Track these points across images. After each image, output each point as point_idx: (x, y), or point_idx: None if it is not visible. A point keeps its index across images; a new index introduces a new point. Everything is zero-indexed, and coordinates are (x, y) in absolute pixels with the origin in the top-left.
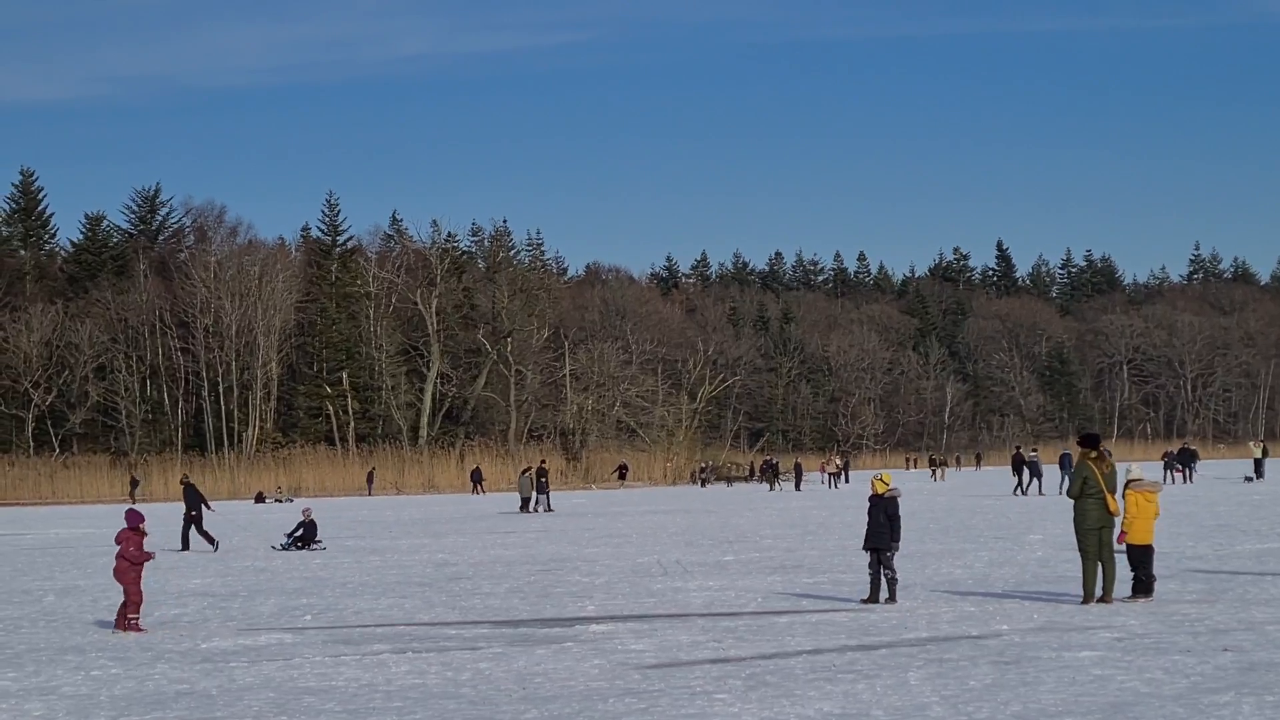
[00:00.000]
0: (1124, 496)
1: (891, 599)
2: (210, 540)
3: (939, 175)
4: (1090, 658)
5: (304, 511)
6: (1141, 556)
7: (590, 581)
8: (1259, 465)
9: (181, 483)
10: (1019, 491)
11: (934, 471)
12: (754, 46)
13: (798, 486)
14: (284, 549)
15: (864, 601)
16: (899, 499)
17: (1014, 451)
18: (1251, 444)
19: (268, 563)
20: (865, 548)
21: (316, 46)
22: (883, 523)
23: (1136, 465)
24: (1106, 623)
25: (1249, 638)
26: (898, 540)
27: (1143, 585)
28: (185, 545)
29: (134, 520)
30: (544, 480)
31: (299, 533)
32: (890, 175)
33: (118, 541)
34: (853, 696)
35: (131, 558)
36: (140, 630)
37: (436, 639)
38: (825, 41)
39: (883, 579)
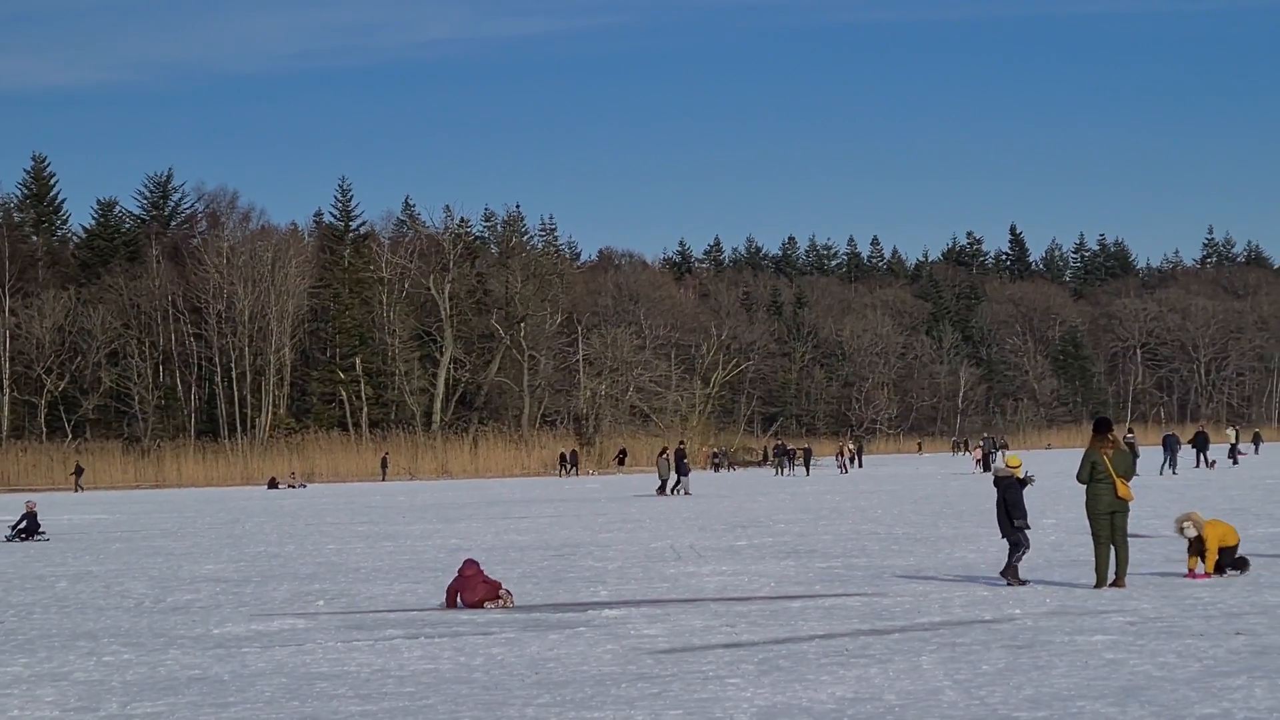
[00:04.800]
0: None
1: (1015, 579)
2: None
3: (952, 159)
4: (1103, 641)
5: (27, 504)
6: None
7: (603, 566)
8: (1233, 450)
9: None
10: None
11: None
12: (769, 31)
13: (807, 471)
14: (8, 540)
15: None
16: (1016, 480)
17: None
18: (1228, 429)
19: (280, 548)
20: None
21: (341, 32)
22: (1000, 504)
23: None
24: (1119, 607)
25: (1262, 621)
26: (1017, 520)
27: (1241, 561)
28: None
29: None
30: (685, 462)
31: (22, 525)
32: (903, 159)
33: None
34: (865, 680)
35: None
36: None
37: (449, 624)
38: (839, 26)
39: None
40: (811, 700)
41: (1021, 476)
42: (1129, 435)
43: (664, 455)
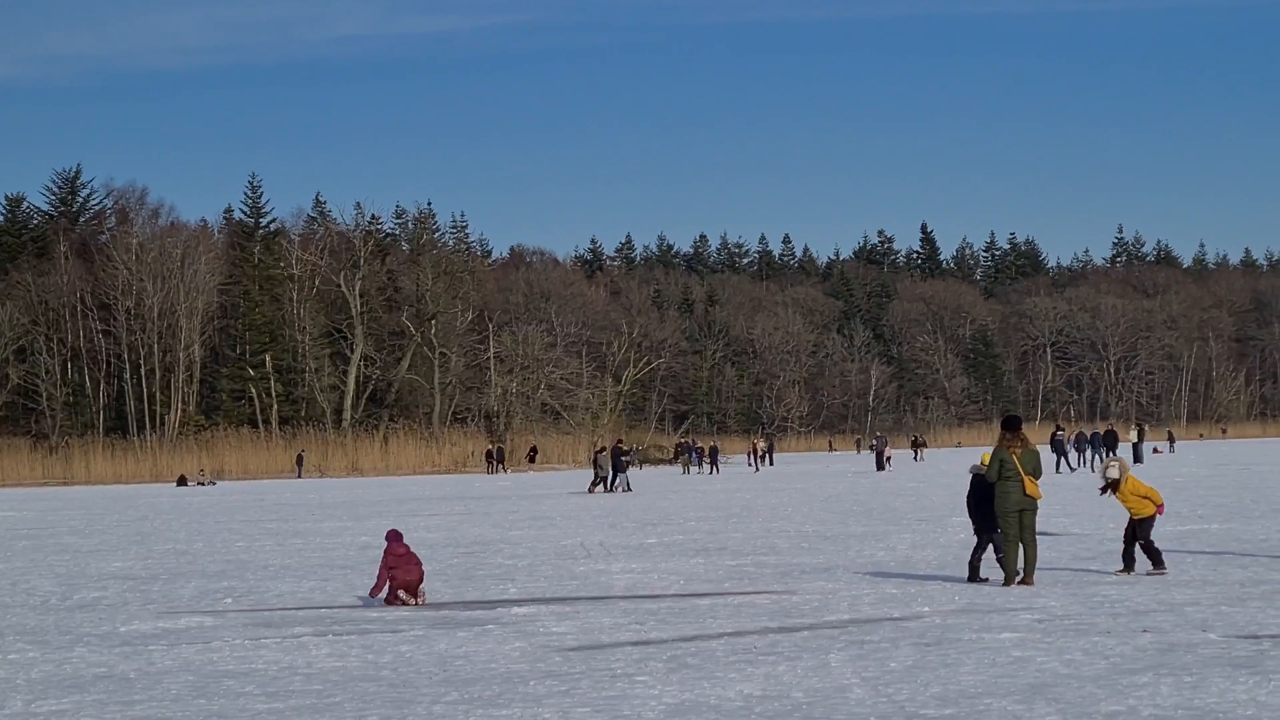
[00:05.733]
0: (1113, 492)
1: (976, 577)
2: None
3: (863, 157)
4: (1011, 639)
5: None
6: (1143, 532)
7: (513, 564)
8: (1136, 449)
9: None
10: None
11: (916, 451)
12: (680, 29)
13: (714, 469)
14: None
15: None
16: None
17: (1052, 433)
18: (1131, 428)
19: (189, 546)
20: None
21: (254, 28)
22: (977, 500)
23: (1115, 462)
24: (1027, 604)
25: (1168, 619)
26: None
27: (1156, 557)
28: None
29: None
30: (623, 459)
31: None
32: (814, 157)
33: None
34: (773, 678)
35: None
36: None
37: (358, 622)
38: (748, 24)
39: (978, 559)
40: (719, 698)
41: None
42: (1059, 433)
43: (604, 452)
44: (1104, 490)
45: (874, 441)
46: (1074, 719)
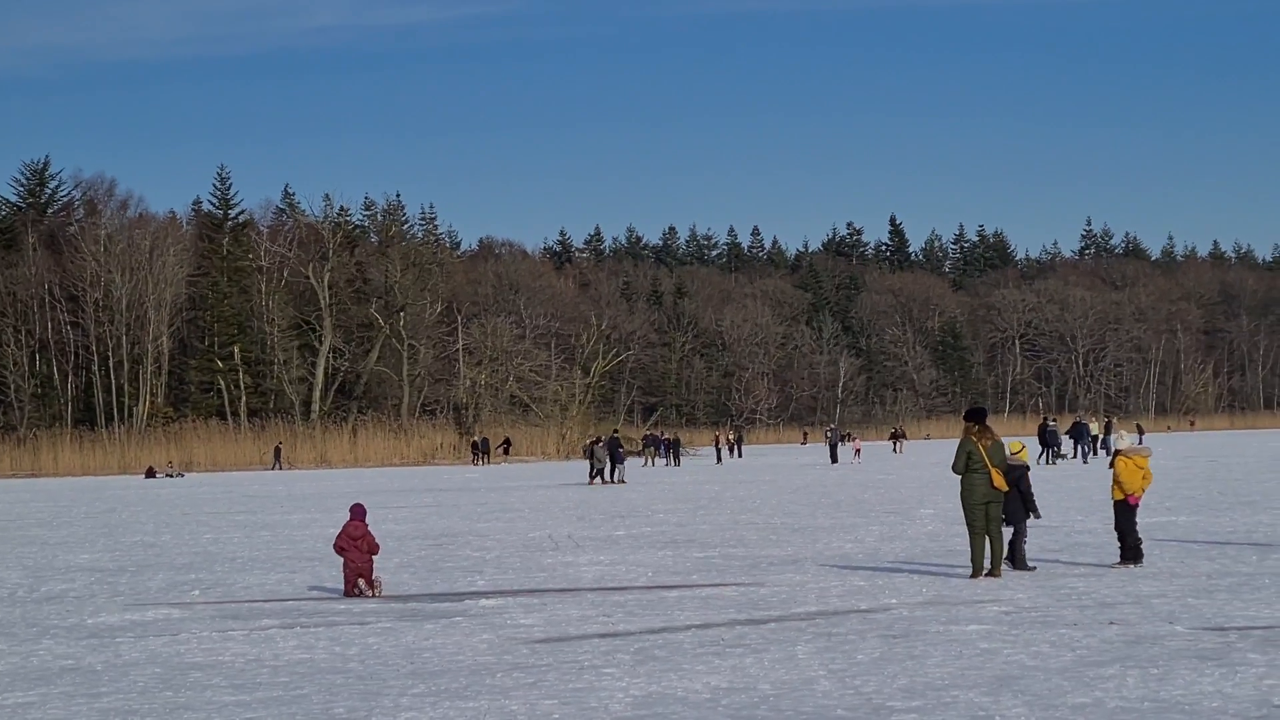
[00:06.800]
0: (1113, 465)
1: (1024, 565)
2: None
3: (832, 150)
4: (977, 631)
5: None
6: (1125, 520)
7: (481, 556)
8: (1101, 441)
9: None
10: (1044, 461)
11: (895, 444)
12: (648, 21)
13: (677, 461)
14: None
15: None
16: (1027, 468)
17: (1040, 422)
18: (1093, 421)
19: (157, 538)
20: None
21: (227, 18)
22: (1014, 494)
23: (1127, 435)
24: (994, 596)
25: (1135, 611)
26: (1035, 512)
27: (1132, 552)
28: None
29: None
30: (621, 450)
31: None
32: (783, 149)
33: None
34: (740, 670)
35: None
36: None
37: (325, 614)
38: (721, 16)
39: (1021, 548)
40: (687, 690)
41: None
42: (1051, 423)
43: (600, 443)
44: (1112, 462)
45: (827, 432)
46: (1041, 711)
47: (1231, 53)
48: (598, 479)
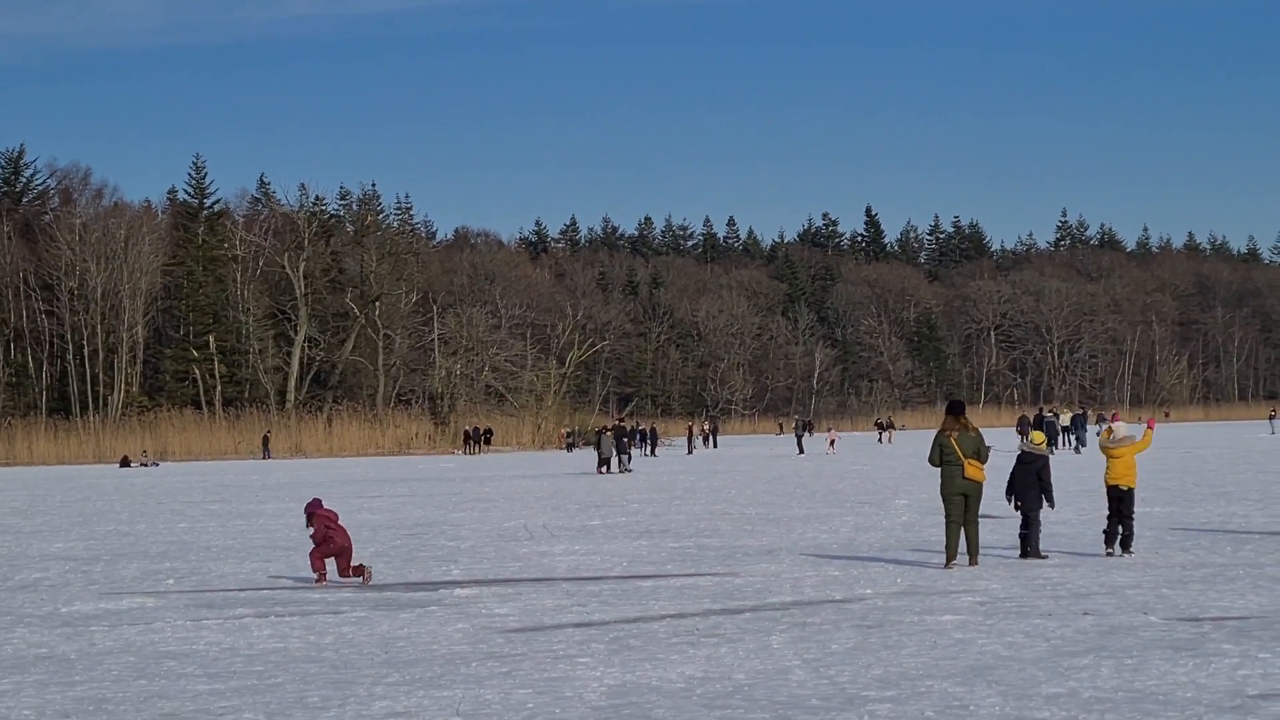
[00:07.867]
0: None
1: (1037, 554)
2: None
3: (808, 140)
4: (952, 621)
5: None
6: (1120, 504)
7: (456, 546)
8: (1065, 432)
9: None
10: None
11: (881, 434)
12: (625, 10)
13: (652, 451)
14: None
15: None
16: (1047, 456)
17: (1037, 412)
18: (1063, 412)
19: (131, 527)
20: (1015, 507)
21: (202, 7)
22: (1033, 483)
23: (1122, 425)
24: (969, 587)
25: (1109, 601)
26: (1051, 502)
27: (1125, 539)
28: None
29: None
30: (626, 440)
31: None
32: (759, 140)
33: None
34: (715, 660)
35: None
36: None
37: (300, 603)
38: (696, 6)
39: (1035, 538)
40: (661, 679)
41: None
42: (1050, 414)
43: (606, 433)
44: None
45: (794, 423)
46: (1015, 701)
47: (1206, 46)
48: (604, 469)
